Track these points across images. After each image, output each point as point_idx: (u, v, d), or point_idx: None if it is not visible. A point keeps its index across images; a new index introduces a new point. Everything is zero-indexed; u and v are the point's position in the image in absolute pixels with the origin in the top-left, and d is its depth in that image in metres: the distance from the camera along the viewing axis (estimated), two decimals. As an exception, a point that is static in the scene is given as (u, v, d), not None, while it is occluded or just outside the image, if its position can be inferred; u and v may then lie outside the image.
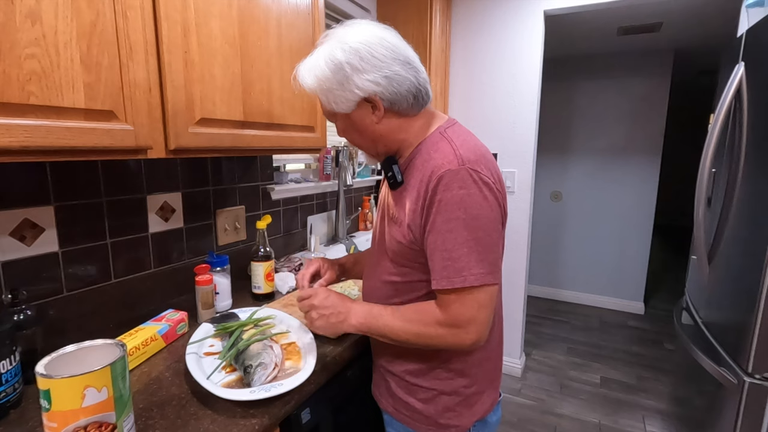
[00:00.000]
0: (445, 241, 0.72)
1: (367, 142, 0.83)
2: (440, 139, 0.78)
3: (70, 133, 0.68)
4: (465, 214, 0.71)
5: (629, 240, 3.54)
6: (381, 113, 0.78)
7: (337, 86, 0.75)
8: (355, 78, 0.74)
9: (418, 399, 0.86)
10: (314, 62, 0.77)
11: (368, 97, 0.76)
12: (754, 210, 1.24)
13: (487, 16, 2.33)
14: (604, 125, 3.50)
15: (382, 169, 0.85)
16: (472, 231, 0.71)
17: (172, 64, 0.83)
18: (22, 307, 0.82)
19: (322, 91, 0.78)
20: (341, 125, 0.83)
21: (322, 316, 0.84)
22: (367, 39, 0.74)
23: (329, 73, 0.75)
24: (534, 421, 2.20)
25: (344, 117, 0.81)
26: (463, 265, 0.71)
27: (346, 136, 0.85)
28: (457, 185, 0.71)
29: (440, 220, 0.72)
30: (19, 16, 0.60)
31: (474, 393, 0.86)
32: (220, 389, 0.76)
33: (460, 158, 0.73)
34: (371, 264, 0.94)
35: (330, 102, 0.78)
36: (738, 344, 1.26)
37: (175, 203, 1.24)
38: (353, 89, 0.75)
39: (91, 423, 0.58)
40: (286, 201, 1.69)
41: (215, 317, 1.04)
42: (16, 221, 0.90)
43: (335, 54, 0.74)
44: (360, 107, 0.78)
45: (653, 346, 3.02)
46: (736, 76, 1.35)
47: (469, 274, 0.71)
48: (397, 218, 0.81)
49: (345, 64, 0.74)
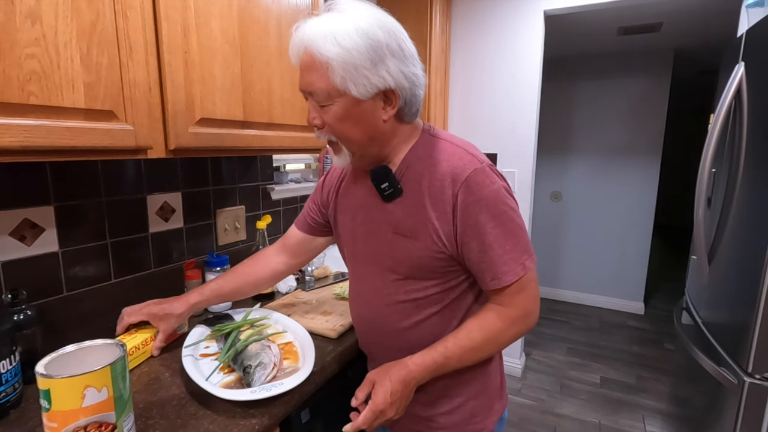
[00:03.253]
0: (496, 238, 0.70)
1: (363, 138, 0.72)
2: (436, 142, 0.76)
3: (70, 133, 0.68)
4: (506, 206, 0.71)
5: (629, 240, 3.54)
6: (393, 111, 0.71)
7: (368, 65, 0.65)
8: (389, 63, 0.67)
9: (440, 413, 0.82)
10: (338, 28, 0.65)
11: (392, 89, 0.69)
12: (754, 210, 1.24)
13: (487, 16, 2.33)
14: (604, 125, 3.50)
15: (374, 181, 0.77)
16: (513, 219, 0.72)
17: (172, 64, 0.83)
18: (22, 307, 0.82)
19: (342, 63, 0.65)
20: (338, 110, 0.69)
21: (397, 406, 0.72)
22: (400, 28, 0.69)
23: (362, 48, 0.64)
24: (534, 421, 2.19)
25: (350, 102, 0.69)
26: (518, 255, 0.71)
27: (338, 124, 0.71)
28: (489, 182, 0.71)
29: (485, 219, 0.70)
30: (19, 16, 0.60)
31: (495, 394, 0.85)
32: (221, 390, 0.76)
33: (476, 157, 0.73)
34: (370, 288, 0.83)
35: (346, 79, 0.66)
36: (738, 344, 1.26)
37: (175, 203, 1.24)
38: (384, 75, 0.67)
39: (91, 423, 0.58)
40: (286, 201, 1.69)
41: (210, 319, 1.03)
42: (16, 221, 0.90)
43: (374, 30, 0.65)
44: (375, 98, 0.69)
45: (653, 346, 3.02)
46: (736, 76, 1.35)
47: (526, 260, 0.72)
48: (409, 230, 0.74)
49: (384, 45, 0.66)
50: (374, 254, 0.81)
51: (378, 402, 0.70)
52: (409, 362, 0.73)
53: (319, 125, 0.73)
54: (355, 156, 0.75)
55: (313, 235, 1.00)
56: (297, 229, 1.02)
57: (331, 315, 1.12)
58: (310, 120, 0.73)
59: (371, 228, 0.81)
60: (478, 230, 0.70)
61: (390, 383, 0.71)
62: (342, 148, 0.74)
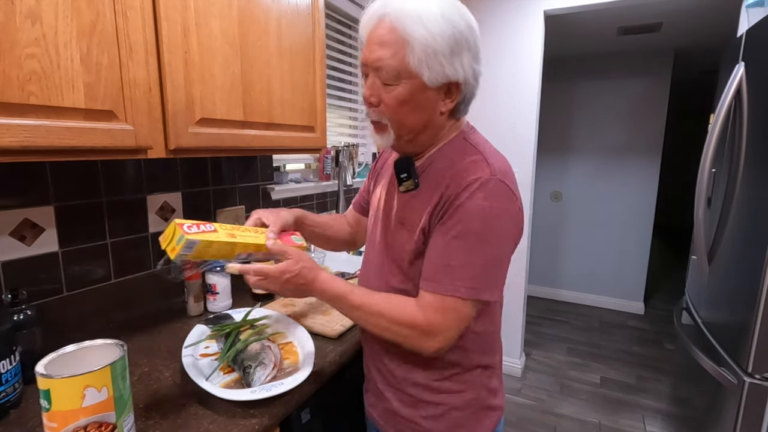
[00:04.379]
0: (449, 247, 0.67)
1: (417, 125, 0.71)
2: (465, 146, 0.74)
3: (70, 133, 0.68)
4: (481, 227, 0.66)
5: (629, 240, 3.54)
6: (451, 105, 0.71)
7: (447, 53, 0.64)
8: (464, 56, 0.66)
9: (424, 417, 0.79)
10: (426, 10, 0.63)
11: (458, 82, 0.68)
12: (754, 210, 1.24)
13: (487, 16, 2.33)
14: (605, 125, 3.50)
15: (396, 169, 0.77)
16: (482, 245, 0.66)
17: (172, 63, 0.83)
18: (22, 307, 0.82)
19: (424, 45, 0.63)
20: (403, 92, 0.67)
21: (290, 281, 0.72)
22: (476, 24, 0.67)
23: (446, 35, 0.63)
24: (534, 421, 2.20)
25: (417, 86, 0.67)
26: (459, 276, 0.66)
27: (398, 107, 0.69)
28: (483, 195, 0.66)
29: (451, 225, 0.67)
30: (19, 16, 0.60)
31: (483, 406, 0.82)
32: (222, 390, 0.76)
33: (492, 167, 0.68)
34: (372, 271, 0.85)
35: (423, 62, 0.64)
36: (738, 344, 1.26)
37: (175, 203, 1.24)
38: (457, 66, 0.66)
39: (91, 423, 0.58)
40: (286, 201, 1.69)
41: (210, 318, 1.03)
42: (16, 221, 0.90)
43: (457, 20, 0.64)
44: (440, 88, 0.68)
45: (653, 346, 3.02)
46: (736, 76, 1.35)
47: (462, 285, 0.66)
48: (407, 223, 0.75)
49: (465, 37, 0.65)
50: (382, 241, 0.82)
51: (274, 269, 0.71)
52: (322, 273, 0.75)
53: (375, 103, 0.70)
54: (401, 140, 0.74)
55: (364, 215, 1.02)
56: (352, 209, 1.06)
57: (331, 315, 1.12)
58: (365, 96, 0.71)
59: (385, 213, 0.82)
60: (440, 231, 0.69)
61: (296, 268, 0.72)
62: (389, 130, 0.72)
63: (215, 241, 0.71)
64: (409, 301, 0.72)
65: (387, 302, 0.73)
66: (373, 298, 0.74)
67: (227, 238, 0.72)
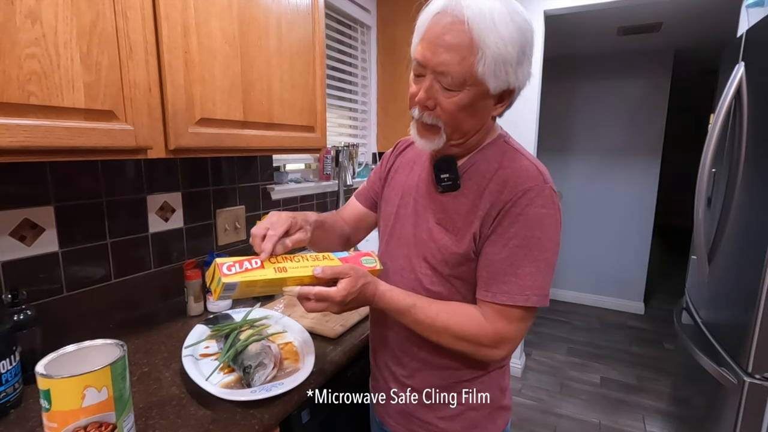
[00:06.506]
0: (514, 255, 0.67)
1: (473, 130, 0.70)
2: (507, 149, 0.73)
3: (70, 133, 0.68)
4: (542, 234, 0.67)
5: (629, 240, 3.54)
6: (501, 110, 0.70)
7: (514, 62, 0.62)
8: (526, 65, 0.65)
9: (440, 417, 0.79)
10: (499, 16, 0.59)
11: (514, 89, 0.67)
12: (754, 210, 1.24)
13: (487, 16, 2.32)
14: (604, 125, 3.50)
15: (437, 167, 0.74)
16: (543, 252, 0.67)
17: (172, 64, 0.83)
18: (22, 307, 0.82)
19: (496, 54, 0.60)
20: (464, 99, 0.64)
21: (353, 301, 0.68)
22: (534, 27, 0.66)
23: (517, 44, 0.61)
24: (534, 421, 2.20)
25: (480, 94, 0.64)
26: (528, 284, 0.67)
27: (457, 112, 0.65)
28: (541, 203, 0.67)
29: (513, 234, 0.67)
30: (19, 16, 0.60)
31: (497, 406, 0.82)
32: (222, 390, 0.76)
33: (543, 175, 0.69)
34: (398, 268, 0.81)
35: (492, 71, 0.61)
36: (738, 344, 1.26)
37: (175, 203, 1.24)
38: (519, 74, 0.64)
39: (91, 423, 0.58)
40: (286, 201, 1.69)
41: (210, 318, 1.03)
42: (16, 221, 0.90)
43: (525, 26, 0.63)
44: (496, 94, 0.66)
45: (653, 346, 3.02)
46: (736, 76, 1.35)
47: (532, 293, 0.67)
48: (450, 225, 0.73)
49: (529, 45, 0.64)
50: (411, 238, 0.79)
51: (335, 292, 0.66)
52: (380, 285, 0.71)
53: (430, 107, 0.66)
54: (450, 142, 0.70)
55: (370, 209, 0.96)
56: (357, 201, 0.98)
57: (331, 315, 1.12)
58: (419, 99, 0.66)
59: (417, 211, 0.79)
60: (500, 240, 0.68)
61: (357, 287, 0.67)
62: (441, 133, 0.69)
63: (260, 279, 0.66)
64: (474, 313, 0.71)
65: (452, 315, 0.71)
66: (435, 311, 0.71)
67: (275, 275, 0.67)
